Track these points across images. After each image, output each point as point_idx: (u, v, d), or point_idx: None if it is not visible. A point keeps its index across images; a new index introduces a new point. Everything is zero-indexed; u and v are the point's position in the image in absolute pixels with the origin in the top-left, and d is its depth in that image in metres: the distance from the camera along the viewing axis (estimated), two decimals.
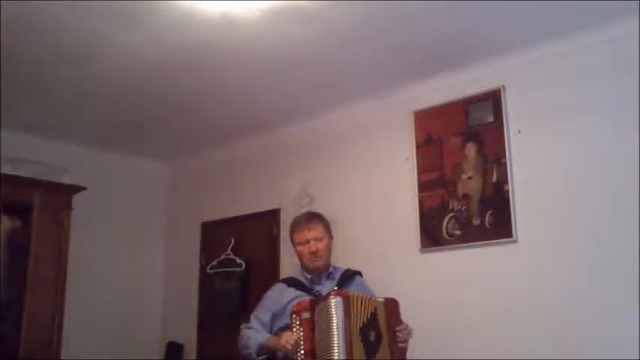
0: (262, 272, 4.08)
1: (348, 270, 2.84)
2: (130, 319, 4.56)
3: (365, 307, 2.48)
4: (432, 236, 3.27)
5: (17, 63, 3.09)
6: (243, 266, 4.20)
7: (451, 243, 3.20)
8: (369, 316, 2.47)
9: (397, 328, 2.53)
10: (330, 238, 2.83)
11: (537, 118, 3.02)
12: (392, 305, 2.57)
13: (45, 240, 3.66)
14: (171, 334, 4.59)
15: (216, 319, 4.31)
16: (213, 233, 4.54)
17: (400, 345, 2.53)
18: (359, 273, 2.87)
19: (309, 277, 2.76)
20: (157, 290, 4.81)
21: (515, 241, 2.98)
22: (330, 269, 2.81)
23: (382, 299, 2.57)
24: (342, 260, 2.92)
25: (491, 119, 3.15)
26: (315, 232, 2.77)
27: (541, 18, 2.72)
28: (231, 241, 4.31)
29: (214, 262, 4.36)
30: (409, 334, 2.57)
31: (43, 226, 3.67)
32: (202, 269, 4.50)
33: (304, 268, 2.80)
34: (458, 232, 3.19)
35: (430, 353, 3.07)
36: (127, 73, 3.25)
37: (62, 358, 3.66)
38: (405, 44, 2.97)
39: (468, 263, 3.13)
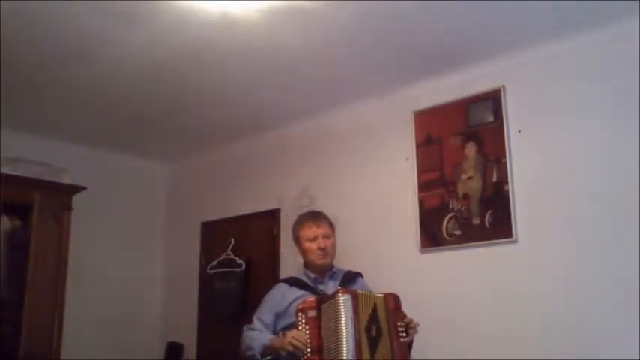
0: (262, 272, 4.07)
1: (350, 271, 2.83)
2: (130, 319, 4.56)
3: (367, 303, 2.46)
4: (432, 236, 3.27)
5: (17, 63, 3.09)
6: (243, 266, 4.19)
7: (451, 243, 3.20)
8: (370, 312, 2.45)
9: (399, 323, 2.50)
10: (335, 238, 2.83)
11: (537, 118, 3.02)
12: (392, 300, 2.54)
13: (45, 240, 3.65)
14: (171, 334, 4.59)
15: (216, 319, 4.31)
16: (213, 233, 4.53)
17: (402, 340, 2.49)
18: (360, 274, 2.87)
19: (313, 276, 2.74)
20: (157, 290, 4.81)
21: (515, 241, 2.98)
22: (334, 269, 2.80)
23: (381, 294, 2.54)
24: (342, 260, 2.92)
25: (491, 119, 3.15)
26: (323, 229, 2.77)
27: (541, 18, 2.72)
28: (231, 241, 4.31)
29: (214, 262, 4.35)
30: (414, 328, 2.52)
31: (43, 226, 3.66)
32: (202, 269, 4.50)
33: (309, 266, 2.77)
34: (458, 232, 3.19)
35: (430, 353, 3.07)
36: (127, 73, 3.25)
37: (62, 358, 3.65)
38: (405, 44, 2.97)
39: (468, 263, 3.13)
